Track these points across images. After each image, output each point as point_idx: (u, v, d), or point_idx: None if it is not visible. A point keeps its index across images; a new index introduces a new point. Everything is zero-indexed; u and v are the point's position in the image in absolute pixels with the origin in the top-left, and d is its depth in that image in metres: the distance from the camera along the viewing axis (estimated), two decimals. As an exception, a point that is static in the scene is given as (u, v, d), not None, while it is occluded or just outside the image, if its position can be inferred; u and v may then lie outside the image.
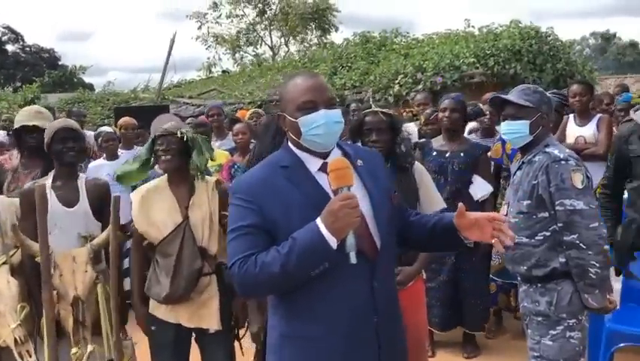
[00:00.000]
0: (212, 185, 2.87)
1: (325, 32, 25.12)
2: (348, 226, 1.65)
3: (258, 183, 1.82)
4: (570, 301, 2.58)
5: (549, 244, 2.60)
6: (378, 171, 1.93)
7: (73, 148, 2.94)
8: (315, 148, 1.83)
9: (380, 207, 1.83)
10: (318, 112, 1.79)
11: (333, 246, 1.66)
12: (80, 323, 2.80)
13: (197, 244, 2.77)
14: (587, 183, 2.56)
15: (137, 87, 15.74)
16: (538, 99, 2.70)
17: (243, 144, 5.08)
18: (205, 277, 2.80)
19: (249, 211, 1.77)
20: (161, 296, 2.74)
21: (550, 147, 2.65)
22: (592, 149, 4.50)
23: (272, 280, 1.71)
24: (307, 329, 1.80)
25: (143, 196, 2.83)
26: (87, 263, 2.84)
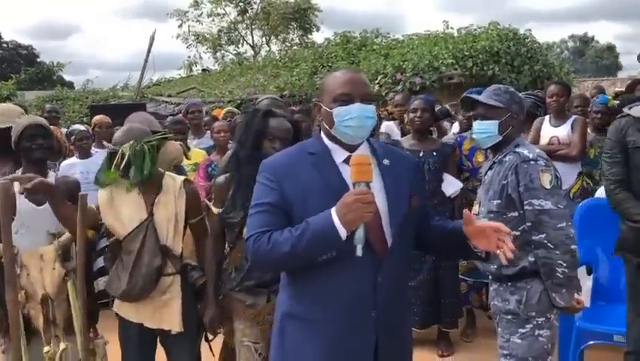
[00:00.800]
0: (180, 184, 2.85)
1: (306, 32, 25.17)
2: (359, 219, 1.71)
3: (283, 165, 1.92)
4: (539, 299, 2.60)
5: (518, 244, 2.61)
6: (404, 174, 1.97)
7: (42, 145, 2.88)
8: (345, 140, 1.91)
9: (396, 207, 1.89)
10: (352, 105, 1.87)
11: (342, 236, 1.73)
12: (50, 322, 2.75)
13: (159, 242, 2.74)
14: (555, 184, 2.57)
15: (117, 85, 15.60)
16: (508, 99, 2.72)
17: (223, 143, 5.04)
18: (167, 277, 2.77)
19: (270, 190, 1.87)
20: (118, 292, 2.73)
21: (521, 147, 2.67)
22: (565, 150, 4.55)
23: (281, 258, 1.80)
24: (309, 311, 1.88)
25: (112, 191, 2.82)
26: (55, 260, 2.79)
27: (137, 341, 2.83)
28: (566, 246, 2.51)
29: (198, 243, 2.92)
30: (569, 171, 4.32)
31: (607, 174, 3.09)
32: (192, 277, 2.86)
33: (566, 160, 4.44)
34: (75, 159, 5.28)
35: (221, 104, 10.83)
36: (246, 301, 2.71)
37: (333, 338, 1.85)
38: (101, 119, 5.81)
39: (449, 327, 4.27)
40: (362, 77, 1.95)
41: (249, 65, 16.72)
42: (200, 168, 4.89)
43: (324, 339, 1.86)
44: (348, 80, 1.90)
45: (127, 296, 2.73)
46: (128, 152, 2.71)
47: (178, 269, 2.80)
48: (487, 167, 2.82)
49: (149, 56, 13.55)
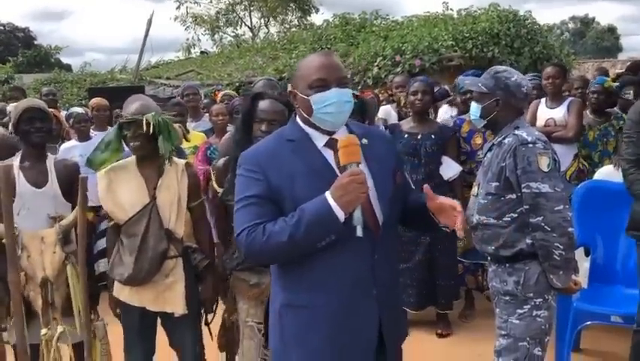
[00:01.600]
0: (182, 168, 2.83)
1: (305, 13, 24.93)
2: (356, 199, 1.71)
3: (264, 154, 1.88)
4: (537, 281, 2.61)
5: (516, 226, 2.63)
6: (384, 150, 1.97)
7: (41, 129, 2.89)
8: (325, 126, 1.88)
9: (382, 185, 1.89)
10: (330, 90, 1.83)
11: (341, 219, 1.72)
12: (49, 304, 2.77)
13: (163, 226, 2.73)
14: (553, 166, 2.58)
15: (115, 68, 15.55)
16: (493, 84, 2.71)
17: (222, 126, 5.03)
18: (170, 260, 2.76)
19: (254, 181, 1.83)
20: (123, 277, 2.71)
21: (520, 130, 2.66)
22: (561, 132, 4.54)
23: (279, 249, 1.77)
24: (308, 298, 1.86)
25: (110, 176, 2.78)
26: (56, 244, 2.81)
27: (139, 325, 2.84)
28: (562, 228, 2.52)
29: (196, 225, 2.93)
30: (565, 152, 4.32)
31: (623, 153, 3.12)
32: (195, 259, 2.87)
33: (562, 142, 4.43)
34: (74, 141, 5.28)
35: (219, 87, 10.79)
36: (250, 281, 2.74)
37: (337, 321, 1.85)
38: (98, 101, 5.78)
39: (444, 309, 4.30)
40: (336, 61, 1.90)
41: (248, 47, 16.61)
42: (199, 151, 4.88)
43: (328, 324, 1.85)
44: (323, 65, 1.85)
45: (132, 281, 2.72)
46: (152, 121, 2.66)
47: (180, 252, 2.80)
48: (487, 149, 2.82)
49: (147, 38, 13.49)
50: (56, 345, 2.77)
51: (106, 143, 2.77)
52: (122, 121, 2.74)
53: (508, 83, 2.71)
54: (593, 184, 3.92)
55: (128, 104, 2.80)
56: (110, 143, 2.77)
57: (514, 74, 2.75)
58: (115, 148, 2.79)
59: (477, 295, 4.68)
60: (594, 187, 3.85)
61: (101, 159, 2.79)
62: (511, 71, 2.79)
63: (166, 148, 2.70)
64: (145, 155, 2.76)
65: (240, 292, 2.82)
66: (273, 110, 2.69)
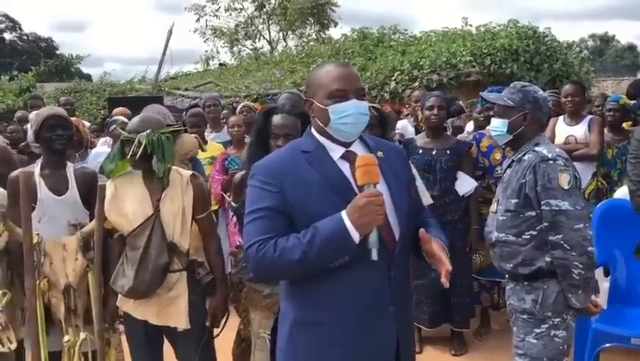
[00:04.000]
0: (188, 179, 2.80)
1: (324, 27, 25.08)
2: (372, 222, 1.68)
3: (278, 165, 1.85)
4: (555, 300, 2.58)
5: (535, 243, 2.61)
6: (398, 164, 1.95)
7: (63, 136, 2.93)
8: (341, 137, 1.86)
9: (399, 199, 1.86)
10: (348, 101, 1.82)
11: (356, 240, 1.69)
12: (71, 311, 2.79)
13: (166, 238, 2.70)
14: (573, 184, 2.55)
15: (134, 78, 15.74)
16: (521, 98, 2.70)
17: (239, 137, 5.07)
18: (174, 273, 2.73)
19: (267, 193, 1.79)
20: (124, 289, 2.68)
21: (541, 146, 2.65)
22: (584, 150, 4.51)
23: (290, 267, 1.73)
24: (322, 315, 1.82)
25: (116, 186, 2.77)
26: (77, 251, 2.83)
27: (144, 337, 2.80)
28: (582, 247, 2.49)
29: (205, 239, 2.89)
30: (583, 171, 4.28)
31: (630, 175, 3.07)
32: (199, 274, 2.82)
33: (585, 159, 4.40)
34: (107, 148, 5.23)
35: (237, 99, 10.87)
36: (263, 291, 2.73)
37: (355, 339, 1.81)
38: (121, 111, 5.84)
39: (460, 327, 4.25)
40: (355, 72, 1.89)
41: (266, 60, 16.73)
42: (217, 162, 4.94)
43: (345, 342, 1.81)
44: (343, 76, 1.84)
45: (133, 293, 2.69)
46: (144, 141, 2.65)
47: (185, 266, 2.76)
48: (507, 165, 2.81)
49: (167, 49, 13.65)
50: (79, 352, 2.79)
51: (113, 155, 2.78)
52: (122, 138, 2.74)
53: (537, 96, 2.71)
54: (612, 203, 3.88)
55: (135, 117, 2.82)
56: (115, 156, 2.77)
57: (539, 89, 2.76)
58: (119, 161, 2.78)
59: (492, 313, 4.63)
60: (613, 206, 3.80)
61: (109, 169, 2.79)
62: (535, 86, 2.79)
63: (159, 168, 2.66)
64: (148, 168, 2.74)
65: (253, 302, 2.82)
66: (285, 124, 2.70)
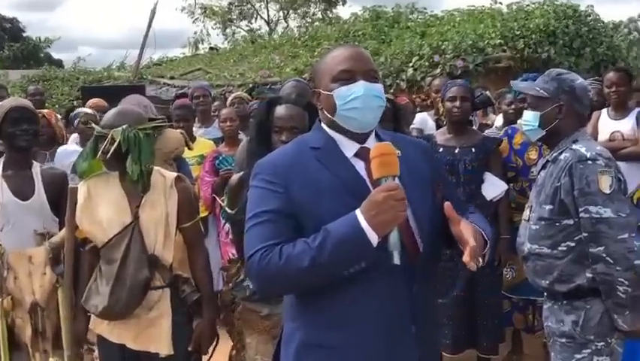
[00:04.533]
0: (172, 182, 2.79)
1: (330, 6, 25.15)
2: (393, 220, 1.66)
3: (284, 163, 1.85)
4: (599, 321, 2.57)
5: (573, 256, 2.60)
6: (419, 161, 1.94)
7: (28, 131, 2.94)
8: (351, 126, 1.86)
9: (421, 202, 1.85)
10: (355, 83, 1.82)
11: (374, 243, 1.67)
12: (39, 333, 2.79)
13: (146, 250, 2.69)
14: (616, 188, 2.54)
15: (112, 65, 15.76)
16: (556, 87, 2.69)
17: (231, 133, 5.08)
18: (155, 291, 2.71)
19: (272, 194, 1.80)
20: (98, 309, 2.66)
21: (579, 143, 2.64)
22: (632, 148, 4.49)
23: (298, 276, 1.72)
24: (335, 337, 1.81)
25: (90, 189, 2.75)
26: (45, 264, 2.83)
27: None
28: (628, 261, 2.48)
29: (191, 251, 2.88)
30: (631, 172, 4.25)
31: None
32: (184, 292, 2.81)
33: (633, 159, 4.38)
34: (75, 146, 5.23)
35: (230, 89, 10.89)
36: (261, 312, 2.73)
37: None
38: (96, 102, 5.84)
39: (488, 353, 4.22)
40: (365, 53, 1.91)
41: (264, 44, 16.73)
42: (207, 161, 4.94)
43: None
44: (349, 56, 1.86)
45: (108, 314, 2.66)
46: (119, 137, 2.63)
47: (167, 282, 2.75)
48: (541, 166, 2.80)
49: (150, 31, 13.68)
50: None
51: (86, 153, 2.76)
52: (95, 134, 2.72)
53: (574, 85, 2.70)
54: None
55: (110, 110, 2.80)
56: (88, 154, 2.75)
57: (578, 77, 2.74)
58: (91, 160, 2.76)
59: (526, 337, 4.61)
60: (667, 213, 3.78)
61: (82, 169, 2.77)
62: (574, 73, 2.78)
63: (133, 170, 2.64)
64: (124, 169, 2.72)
65: (249, 324, 2.82)
66: (290, 116, 2.70)
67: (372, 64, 1.89)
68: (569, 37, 10.52)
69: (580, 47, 10.60)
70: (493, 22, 10.77)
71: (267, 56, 13.68)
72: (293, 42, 14.63)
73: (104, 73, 14.45)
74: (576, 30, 10.68)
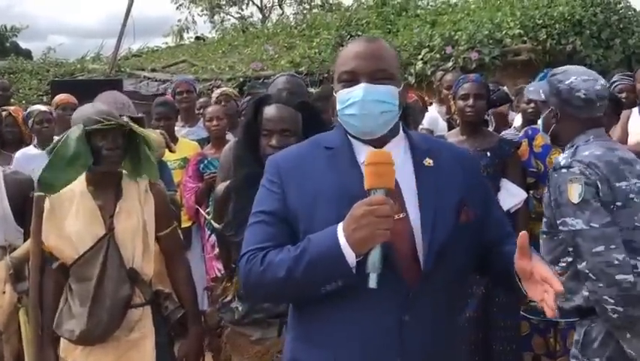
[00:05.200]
0: (145, 187, 2.80)
1: (331, -9, 25.12)
2: (370, 238, 1.66)
3: (290, 163, 1.92)
4: (602, 343, 2.59)
5: (571, 273, 2.66)
6: (456, 177, 1.91)
7: (-11, 130, 2.94)
8: (353, 132, 1.90)
9: (435, 222, 1.82)
10: (356, 86, 1.84)
11: (350, 261, 1.69)
12: (-3, 360, 2.79)
13: (124, 264, 2.69)
14: (588, 197, 2.54)
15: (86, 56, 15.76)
16: (547, 90, 2.77)
17: (218, 133, 5.08)
18: (136, 309, 2.72)
19: (270, 195, 1.89)
20: (75, 334, 2.65)
21: (573, 149, 2.69)
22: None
23: (274, 285, 1.79)
24: (316, 356, 1.85)
25: (52, 201, 2.74)
26: (6, 281, 2.83)
27: None
28: (609, 276, 2.49)
29: (170, 262, 2.88)
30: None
31: None
32: (167, 309, 2.82)
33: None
34: (34, 149, 5.23)
35: (219, 83, 10.89)
36: (252, 336, 2.73)
37: None
38: (65, 99, 5.85)
39: (505, 380, 4.22)
40: (378, 49, 1.90)
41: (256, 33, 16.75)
42: (190, 165, 4.93)
43: None
44: (355, 54, 1.87)
45: (86, 339, 2.65)
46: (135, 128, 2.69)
47: (148, 298, 2.76)
48: None
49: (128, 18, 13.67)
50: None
51: (69, 158, 2.69)
52: (94, 127, 2.69)
53: (560, 88, 2.75)
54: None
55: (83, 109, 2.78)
56: (79, 157, 2.69)
57: (571, 75, 2.76)
58: (84, 164, 2.73)
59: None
60: None
61: (66, 180, 2.73)
62: (570, 71, 2.80)
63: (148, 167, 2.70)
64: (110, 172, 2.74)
65: (238, 350, 2.81)
66: (280, 117, 2.67)
67: (382, 62, 1.89)
68: (597, 27, 10.53)
69: (609, 38, 10.61)
70: (512, 10, 10.79)
71: (260, 46, 13.69)
72: (289, 31, 14.64)
73: (77, 65, 14.41)
74: (605, 19, 10.69)
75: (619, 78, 5.26)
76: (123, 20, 13.58)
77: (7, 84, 7.69)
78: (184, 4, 25.74)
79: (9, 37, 27.79)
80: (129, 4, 13.59)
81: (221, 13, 26.14)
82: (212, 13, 25.85)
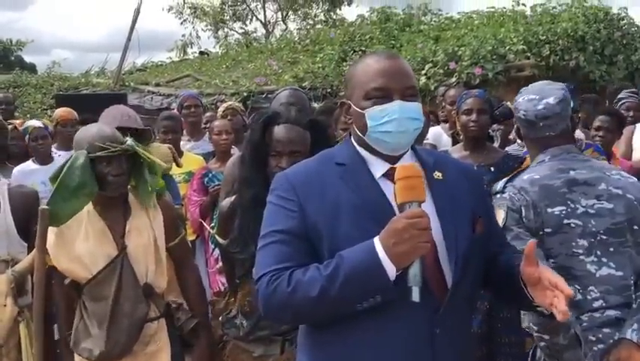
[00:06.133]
0: (154, 200, 2.81)
1: (335, 6, 25.22)
2: (413, 251, 1.66)
3: (302, 179, 1.88)
4: None
5: None
6: (463, 189, 1.93)
7: (-6, 144, 2.94)
8: (383, 149, 1.89)
9: (456, 235, 1.84)
10: (391, 103, 1.83)
11: (391, 276, 1.68)
12: (-5, 375, 2.78)
13: (139, 282, 2.69)
14: (510, 223, 2.51)
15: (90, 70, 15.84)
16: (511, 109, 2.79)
17: (225, 148, 5.07)
18: (152, 323, 2.73)
19: (285, 212, 1.84)
20: (94, 355, 2.64)
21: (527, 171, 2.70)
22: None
23: (306, 306, 1.75)
24: None
25: None
26: (7, 295, 2.82)
27: None
28: None
29: (180, 271, 2.90)
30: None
31: None
32: (179, 320, 2.83)
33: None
34: (32, 164, 5.20)
35: (222, 97, 10.91)
36: (254, 352, 2.72)
37: None
38: (64, 113, 5.79)
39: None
40: (403, 65, 1.92)
41: (260, 48, 16.83)
42: (195, 179, 4.94)
43: None
44: (385, 70, 1.87)
45: (106, 359, 2.66)
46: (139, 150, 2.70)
47: (163, 311, 2.77)
48: None
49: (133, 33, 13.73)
50: None
51: (74, 188, 2.66)
52: (99, 154, 2.66)
53: (511, 108, 2.77)
54: None
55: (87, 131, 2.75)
56: (84, 187, 2.67)
57: (525, 94, 2.76)
58: (89, 193, 2.70)
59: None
60: None
61: (72, 211, 2.70)
62: (526, 90, 2.80)
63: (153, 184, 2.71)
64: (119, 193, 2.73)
65: None
66: (290, 139, 2.64)
67: (411, 79, 1.90)
68: (600, 43, 10.56)
69: (612, 54, 10.64)
70: (516, 26, 10.83)
71: (264, 61, 13.74)
72: (292, 47, 14.70)
73: (82, 79, 14.49)
74: (608, 35, 10.72)
75: (626, 95, 5.27)
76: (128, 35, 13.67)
77: (10, 98, 7.71)
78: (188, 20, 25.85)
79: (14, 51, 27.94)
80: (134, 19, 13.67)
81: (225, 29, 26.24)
82: (216, 29, 25.95)
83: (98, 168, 2.67)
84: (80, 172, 2.65)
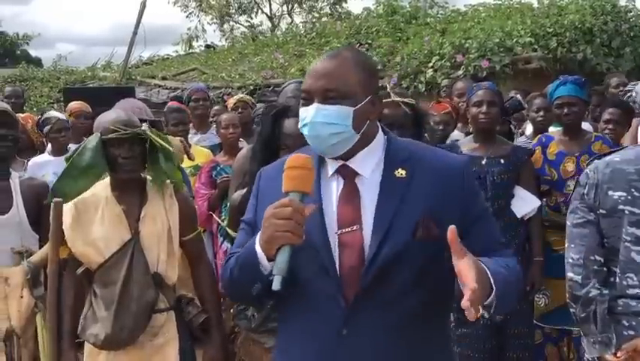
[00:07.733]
0: (170, 191, 2.82)
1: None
2: (273, 239, 1.69)
3: (270, 174, 1.97)
4: None
5: None
6: (426, 190, 1.82)
7: (7, 137, 2.96)
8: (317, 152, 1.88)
9: (384, 236, 1.78)
10: (309, 107, 1.82)
11: (263, 262, 1.75)
12: (14, 365, 2.79)
13: (149, 269, 2.70)
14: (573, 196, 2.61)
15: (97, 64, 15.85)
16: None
17: (233, 141, 5.07)
18: (160, 314, 2.73)
19: (251, 204, 2.00)
20: (99, 339, 2.65)
21: None
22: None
23: (230, 286, 1.97)
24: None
25: (78, 207, 2.76)
26: (23, 287, 2.83)
27: None
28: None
29: (194, 267, 2.90)
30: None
31: None
32: (189, 313, 2.83)
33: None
34: (47, 155, 5.25)
35: (229, 91, 10.92)
36: (266, 344, 2.73)
37: None
38: (79, 106, 5.86)
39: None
40: (330, 66, 1.82)
41: (266, 41, 16.82)
42: (203, 172, 4.94)
43: None
44: (312, 71, 1.85)
45: (111, 343, 2.66)
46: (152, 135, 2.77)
47: (173, 303, 2.78)
48: None
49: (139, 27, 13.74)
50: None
51: (84, 168, 2.72)
52: (110, 137, 2.72)
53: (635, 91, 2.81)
54: None
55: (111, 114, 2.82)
56: (93, 167, 2.73)
57: None
58: (98, 173, 2.77)
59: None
60: None
61: (77, 190, 2.76)
62: None
63: (170, 171, 2.74)
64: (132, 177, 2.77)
65: (251, 357, 2.82)
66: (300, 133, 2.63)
67: (333, 82, 1.80)
68: (608, 36, 10.52)
69: (620, 47, 10.59)
70: (523, 18, 10.79)
71: (270, 54, 13.75)
72: (298, 39, 14.69)
73: (88, 73, 14.51)
74: (615, 27, 10.68)
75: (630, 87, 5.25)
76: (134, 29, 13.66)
77: (20, 91, 7.72)
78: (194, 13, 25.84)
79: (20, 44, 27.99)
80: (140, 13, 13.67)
81: (231, 22, 26.23)
82: (222, 22, 25.93)
83: (110, 150, 2.73)
84: (91, 153, 2.74)
